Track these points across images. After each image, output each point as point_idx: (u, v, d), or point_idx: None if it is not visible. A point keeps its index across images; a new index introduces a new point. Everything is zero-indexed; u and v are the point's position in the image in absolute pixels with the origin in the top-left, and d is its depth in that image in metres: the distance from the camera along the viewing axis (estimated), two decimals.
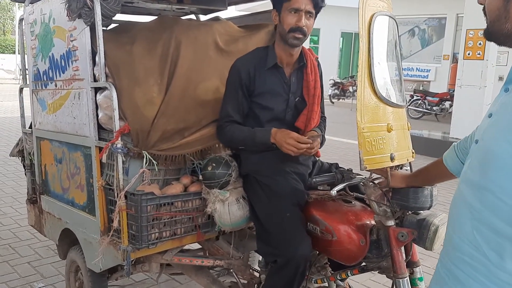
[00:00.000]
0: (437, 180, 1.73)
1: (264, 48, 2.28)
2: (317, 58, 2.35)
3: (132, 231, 2.17)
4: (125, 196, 2.16)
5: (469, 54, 8.05)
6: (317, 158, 2.39)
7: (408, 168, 1.99)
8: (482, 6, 1.14)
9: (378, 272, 2.01)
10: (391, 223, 1.82)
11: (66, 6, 2.32)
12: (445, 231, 1.79)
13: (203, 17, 3.43)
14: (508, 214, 1.01)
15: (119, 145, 2.15)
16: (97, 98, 2.29)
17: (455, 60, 13.10)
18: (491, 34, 1.14)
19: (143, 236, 2.13)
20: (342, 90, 17.16)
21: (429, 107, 12.97)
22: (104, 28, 2.39)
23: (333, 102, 16.75)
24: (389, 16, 1.91)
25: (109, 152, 2.20)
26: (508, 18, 1.07)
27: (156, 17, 2.86)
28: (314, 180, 2.00)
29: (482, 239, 1.06)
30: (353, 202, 2.09)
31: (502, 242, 1.02)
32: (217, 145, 2.41)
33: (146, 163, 2.22)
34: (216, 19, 2.94)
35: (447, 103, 12.56)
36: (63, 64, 2.52)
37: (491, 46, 9.85)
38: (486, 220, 1.05)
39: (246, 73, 2.19)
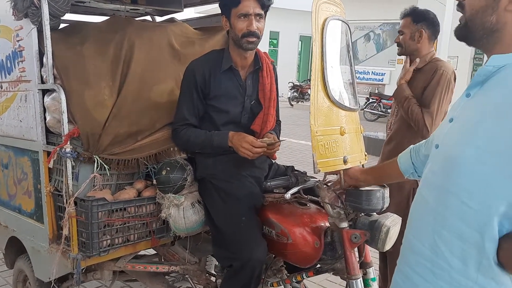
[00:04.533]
0: (388, 178, 1.75)
1: (219, 51, 2.26)
2: (273, 62, 2.36)
3: (83, 238, 2.10)
4: (75, 202, 2.09)
5: None
6: (273, 161, 2.39)
7: None
8: (457, 2, 1.11)
9: (332, 274, 2.04)
10: (344, 225, 1.84)
11: (12, 4, 2.22)
12: (396, 232, 1.85)
13: (158, 19, 3.37)
14: (473, 219, 1.00)
15: (68, 150, 2.07)
16: (44, 101, 2.20)
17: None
18: (469, 29, 1.09)
19: (94, 243, 2.07)
20: (301, 93, 17.36)
21: (384, 109, 13.31)
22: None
23: (292, 105, 16.93)
24: (342, 21, 1.94)
25: (58, 157, 2.12)
26: (496, 9, 1.03)
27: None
28: (268, 184, 2.00)
29: (443, 244, 1.05)
30: (308, 205, 2.11)
31: (466, 248, 1.01)
32: (171, 149, 2.38)
33: (97, 167, 2.15)
34: (172, 20, 2.90)
35: None
36: (8, 65, 2.41)
37: (441, 51, 10.26)
38: (450, 225, 1.04)
39: (201, 75, 2.17)
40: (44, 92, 2.22)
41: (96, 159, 2.15)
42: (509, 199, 0.96)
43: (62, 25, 2.48)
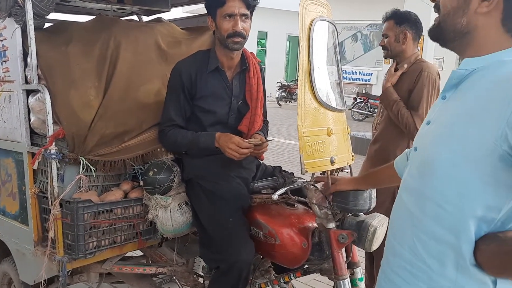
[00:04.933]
0: (385, 183, 1.73)
1: (206, 51, 2.25)
2: (260, 62, 2.36)
3: (68, 240, 2.07)
4: (60, 204, 2.06)
5: None
6: (261, 162, 2.39)
7: (349, 170, 2.04)
8: (434, 3, 1.12)
9: (320, 274, 2.04)
10: (332, 225, 1.85)
11: None
12: (383, 232, 1.86)
13: (145, 18, 3.34)
14: (449, 221, 1.01)
15: (53, 151, 2.04)
16: (29, 101, 2.17)
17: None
18: (441, 30, 1.10)
19: (79, 245, 2.05)
20: (289, 92, 17.40)
21: (371, 109, 13.40)
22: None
23: (280, 105, 16.95)
24: (329, 22, 1.94)
25: (43, 158, 2.09)
26: (466, 11, 1.03)
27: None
28: (256, 185, 2.00)
29: (422, 246, 1.06)
30: (295, 206, 2.11)
31: (443, 250, 1.02)
32: (158, 150, 2.36)
33: (83, 169, 2.13)
34: (159, 20, 2.88)
35: None
36: None
37: (428, 52, 10.36)
38: (427, 228, 1.05)
39: (188, 76, 2.16)
40: (29, 92, 2.18)
41: (81, 160, 2.12)
42: (485, 202, 0.97)
43: (47, 25, 2.45)
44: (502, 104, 0.91)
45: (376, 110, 13.96)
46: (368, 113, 13.46)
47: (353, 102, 13.52)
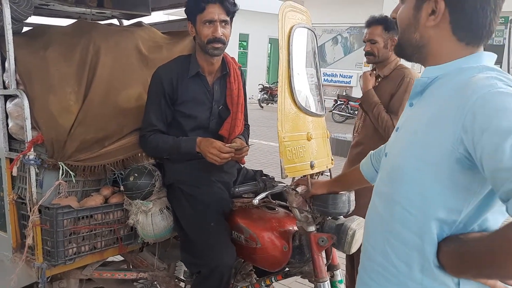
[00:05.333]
0: (355, 185, 1.79)
1: (187, 57, 2.26)
2: (241, 66, 2.38)
3: (47, 247, 2.05)
4: (39, 210, 2.04)
5: None
6: (242, 166, 2.41)
7: (328, 174, 2.07)
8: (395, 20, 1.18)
9: (300, 277, 2.07)
10: (312, 228, 1.87)
11: None
12: (362, 235, 1.89)
13: (126, 22, 3.32)
14: (415, 225, 1.05)
15: (31, 157, 2.02)
16: (7, 107, 2.14)
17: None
18: (401, 47, 1.17)
19: (59, 252, 2.03)
20: (271, 94, 17.45)
21: (351, 111, 13.54)
22: None
23: (262, 107, 17.00)
24: (308, 28, 1.97)
25: (21, 164, 2.07)
26: (417, 27, 1.09)
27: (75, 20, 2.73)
28: (237, 189, 2.01)
29: (391, 249, 1.10)
30: (276, 209, 2.13)
31: (410, 252, 1.06)
32: (139, 155, 2.35)
33: (62, 174, 2.10)
34: (139, 24, 2.87)
35: None
36: None
37: None
38: (396, 231, 1.09)
39: (169, 81, 2.16)
40: (7, 97, 2.15)
41: (61, 166, 2.10)
42: (446, 205, 1.01)
43: (25, 28, 2.42)
44: (458, 110, 0.95)
45: (356, 112, 14.09)
46: (348, 115, 13.59)
47: (334, 104, 13.64)
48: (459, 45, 1.07)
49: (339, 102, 13.78)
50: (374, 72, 2.77)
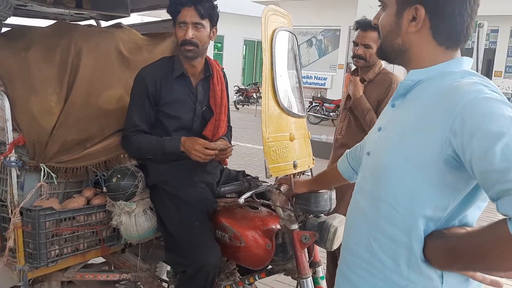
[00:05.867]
0: (333, 184, 1.84)
1: (170, 58, 2.28)
2: (223, 69, 2.41)
3: (29, 249, 2.03)
4: (21, 213, 2.02)
5: None
6: (225, 166, 2.44)
7: (310, 173, 2.12)
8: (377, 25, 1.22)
9: (283, 274, 2.11)
10: (295, 226, 1.92)
11: None
12: (343, 232, 1.95)
13: (104, 23, 3.31)
14: (402, 222, 1.09)
15: (12, 158, 2.00)
16: None
17: (348, 69, 14.06)
18: (383, 51, 1.21)
19: (41, 254, 2.01)
20: (247, 96, 17.52)
21: (326, 113, 13.73)
22: None
23: (238, 108, 17.03)
24: (289, 31, 2.02)
25: (2, 166, 2.04)
26: (399, 33, 1.14)
27: (53, 21, 2.71)
28: (222, 189, 2.04)
29: (378, 246, 1.14)
30: (259, 208, 2.17)
31: (397, 248, 1.10)
32: (122, 156, 2.36)
33: (44, 176, 2.09)
34: (119, 26, 2.87)
35: None
36: None
37: None
38: (383, 228, 1.12)
39: (153, 82, 2.18)
40: None
41: (42, 168, 2.09)
42: (433, 203, 1.06)
43: (3, 29, 2.39)
44: (445, 114, 1.00)
45: (331, 114, 14.16)
46: (323, 116, 13.76)
47: (309, 106, 13.78)
48: (439, 49, 1.12)
49: (314, 104, 13.94)
50: (357, 76, 2.82)
